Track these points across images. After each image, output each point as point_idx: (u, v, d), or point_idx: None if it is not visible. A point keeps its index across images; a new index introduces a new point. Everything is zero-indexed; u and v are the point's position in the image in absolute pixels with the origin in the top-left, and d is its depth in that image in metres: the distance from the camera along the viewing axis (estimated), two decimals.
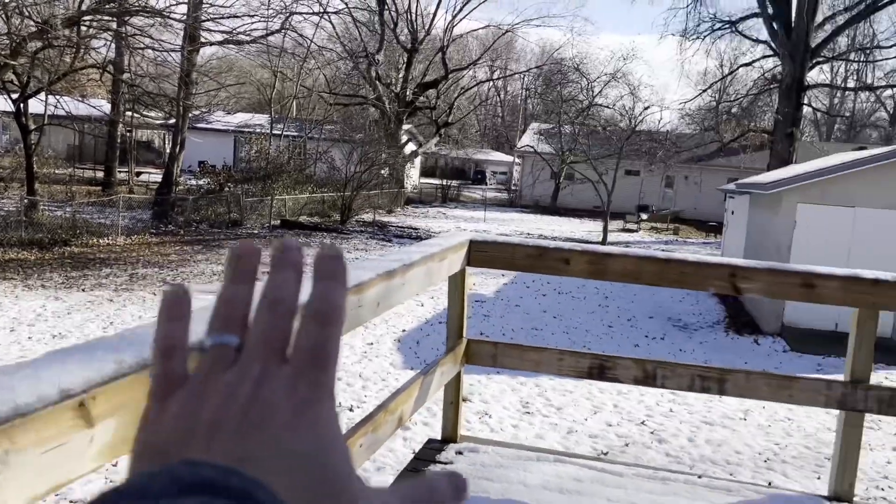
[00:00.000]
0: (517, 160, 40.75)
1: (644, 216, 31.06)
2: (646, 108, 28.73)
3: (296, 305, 0.34)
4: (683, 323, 12.95)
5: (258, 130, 31.61)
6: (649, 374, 3.75)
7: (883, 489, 5.93)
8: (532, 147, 34.65)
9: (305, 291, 0.35)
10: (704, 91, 30.88)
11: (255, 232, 20.85)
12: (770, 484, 5.17)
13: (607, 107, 32.76)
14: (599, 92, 32.65)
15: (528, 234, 24.77)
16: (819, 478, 5.89)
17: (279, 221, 22.49)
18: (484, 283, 15.00)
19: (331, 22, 30.02)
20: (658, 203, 34.50)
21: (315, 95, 35.11)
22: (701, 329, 12.61)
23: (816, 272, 3.64)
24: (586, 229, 28.13)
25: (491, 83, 50.42)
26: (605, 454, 5.96)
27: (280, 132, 31.97)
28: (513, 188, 41.45)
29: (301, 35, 27.08)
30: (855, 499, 3.81)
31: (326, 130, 31.55)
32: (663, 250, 22.03)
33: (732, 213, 17.41)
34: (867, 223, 12.03)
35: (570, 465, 3.81)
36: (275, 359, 0.33)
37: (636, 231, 28.79)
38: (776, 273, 3.68)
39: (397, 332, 10.34)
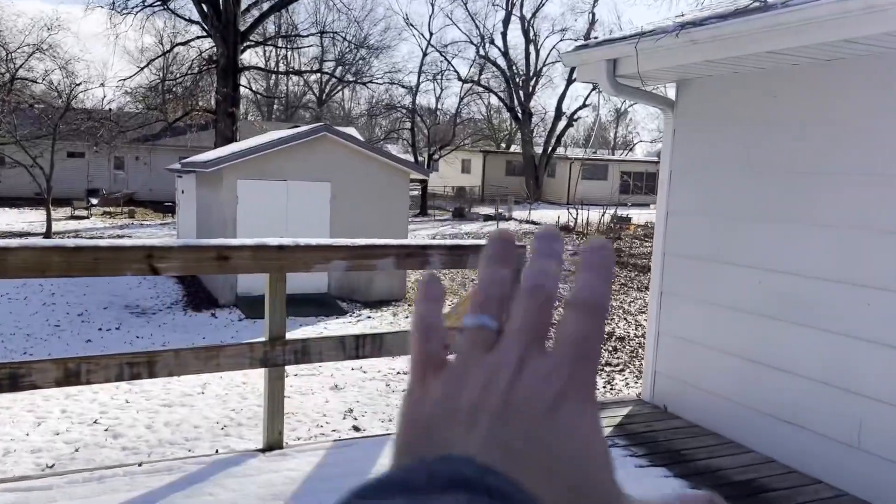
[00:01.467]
0: None
1: (95, 201, 28.96)
2: (78, 85, 26.47)
3: (556, 294, 0.34)
4: (141, 308, 12.56)
5: None
6: (72, 373, 3.48)
7: (322, 426, 6.80)
8: None
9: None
10: (143, 69, 30.00)
11: None
12: (217, 451, 5.41)
13: (35, 81, 29.12)
14: (23, 64, 28.78)
15: None
16: None
17: None
18: None
19: None
20: (109, 186, 32.54)
21: None
22: (159, 312, 12.42)
23: (229, 245, 3.85)
24: (27, 220, 24.89)
25: None
26: (51, 467, 5.39)
27: None
28: None
29: None
30: (287, 442, 4.25)
31: None
32: (118, 235, 20.87)
33: (183, 192, 17.47)
34: (299, 194, 13.49)
35: None
36: (536, 346, 0.32)
37: (87, 217, 26.70)
38: (192, 249, 3.77)
39: None
